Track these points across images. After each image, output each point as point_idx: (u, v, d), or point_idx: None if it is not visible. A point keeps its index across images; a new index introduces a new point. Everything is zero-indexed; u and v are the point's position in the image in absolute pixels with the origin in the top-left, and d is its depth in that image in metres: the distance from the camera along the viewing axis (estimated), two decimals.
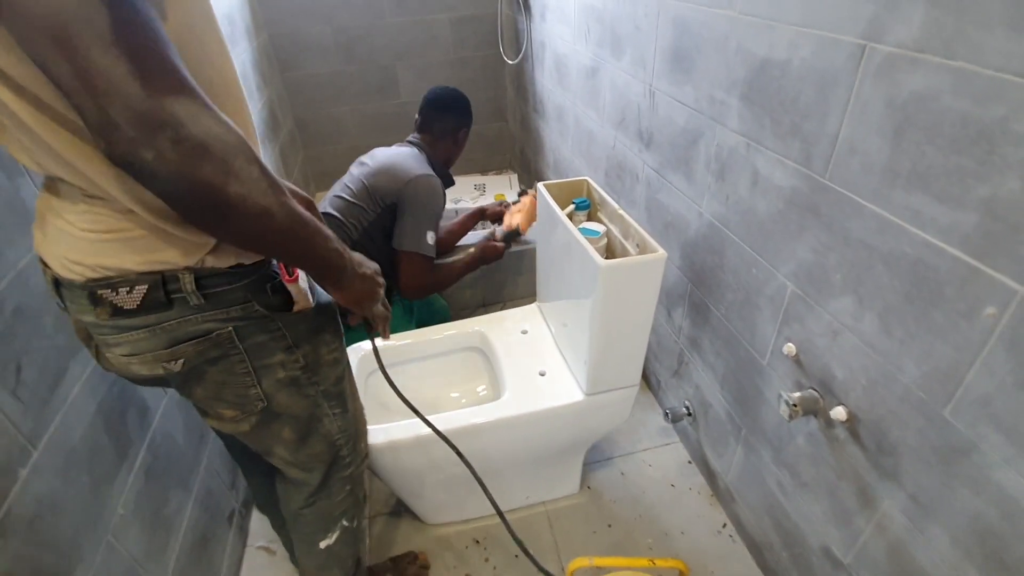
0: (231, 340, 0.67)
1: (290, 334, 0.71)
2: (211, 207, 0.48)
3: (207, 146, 0.45)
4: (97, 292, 0.59)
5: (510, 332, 1.32)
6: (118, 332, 0.62)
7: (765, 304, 1.00)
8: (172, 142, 0.43)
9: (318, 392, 0.78)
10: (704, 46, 1.02)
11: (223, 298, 0.64)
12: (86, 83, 0.40)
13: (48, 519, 0.71)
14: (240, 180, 0.48)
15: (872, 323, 0.77)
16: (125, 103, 0.41)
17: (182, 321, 0.63)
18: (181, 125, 0.43)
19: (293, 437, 0.79)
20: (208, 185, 0.46)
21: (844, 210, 0.77)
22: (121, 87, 0.41)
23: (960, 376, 0.65)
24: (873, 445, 0.81)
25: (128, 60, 0.41)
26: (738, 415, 1.17)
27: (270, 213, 0.52)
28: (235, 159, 0.47)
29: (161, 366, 0.65)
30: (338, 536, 0.93)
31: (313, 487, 0.87)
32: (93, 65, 0.40)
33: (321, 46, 2.56)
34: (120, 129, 0.42)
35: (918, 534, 0.76)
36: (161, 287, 0.60)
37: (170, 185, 0.45)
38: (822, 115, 0.78)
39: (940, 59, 0.60)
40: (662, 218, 1.34)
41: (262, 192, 0.50)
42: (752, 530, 1.21)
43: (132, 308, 0.60)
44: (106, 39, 0.40)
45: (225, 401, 0.72)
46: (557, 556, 1.26)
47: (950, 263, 0.63)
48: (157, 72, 0.42)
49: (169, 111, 0.43)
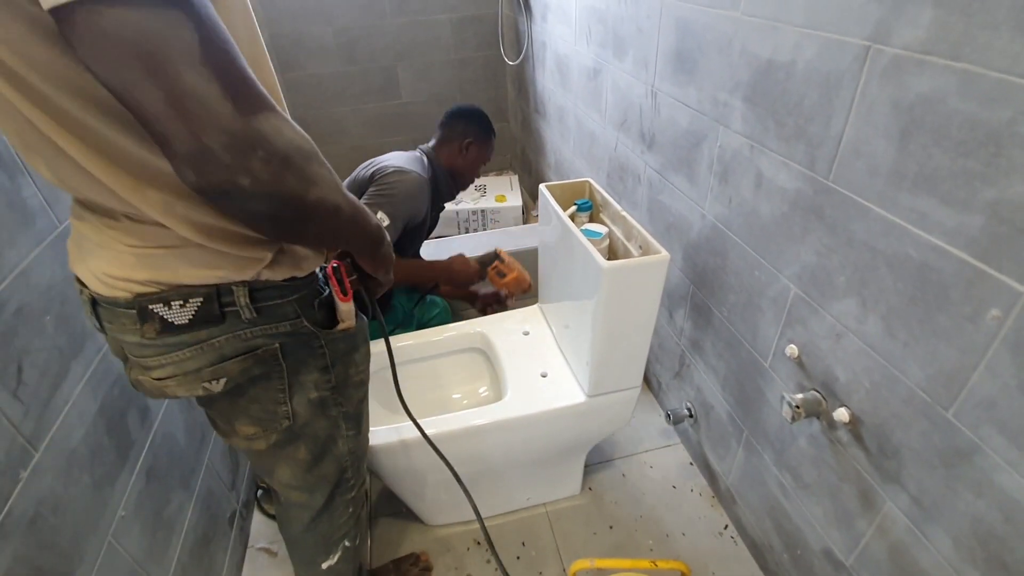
0: (276, 357, 0.65)
1: (329, 353, 0.71)
2: (295, 216, 0.48)
3: (290, 158, 0.45)
4: (148, 307, 0.57)
5: (512, 333, 1.32)
6: (163, 351, 0.60)
7: (768, 306, 1.00)
8: (263, 162, 0.42)
9: (340, 413, 0.77)
10: (707, 47, 1.02)
11: (274, 312, 0.63)
12: (178, 108, 0.38)
13: (49, 520, 0.71)
14: (317, 184, 0.48)
15: (876, 325, 0.76)
16: (219, 126, 0.40)
17: (231, 337, 0.61)
18: (268, 142, 0.43)
19: (307, 458, 0.77)
20: (293, 196, 0.46)
21: (848, 212, 0.77)
22: (214, 109, 0.39)
23: (964, 378, 0.65)
24: (876, 447, 0.81)
25: (218, 80, 0.39)
26: (740, 417, 1.17)
27: (339, 207, 0.53)
28: (311, 164, 0.47)
29: (202, 387, 0.63)
30: (340, 556, 0.92)
31: (316, 509, 0.84)
32: (185, 88, 0.38)
33: (322, 47, 2.56)
34: (215, 156, 0.40)
35: (920, 536, 0.76)
36: (215, 300, 0.59)
37: (261, 204, 0.44)
38: (826, 117, 0.78)
39: (946, 61, 0.60)
40: (664, 220, 1.34)
41: (332, 190, 0.51)
42: (753, 532, 1.21)
43: (183, 323, 0.58)
44: (196, 59, 0.38)
45: (250, 417, 0.70)
46: (558, 557, 1.25)
47: (955, 265, 0.63)
48: (244, 89, 0.41)
49: (259, 129, 0.42)
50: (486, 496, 1.30)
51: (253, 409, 0.69)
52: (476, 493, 1.28)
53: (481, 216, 2.48)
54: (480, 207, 2.48)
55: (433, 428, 1.07)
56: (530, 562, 1.25)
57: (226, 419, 0.71)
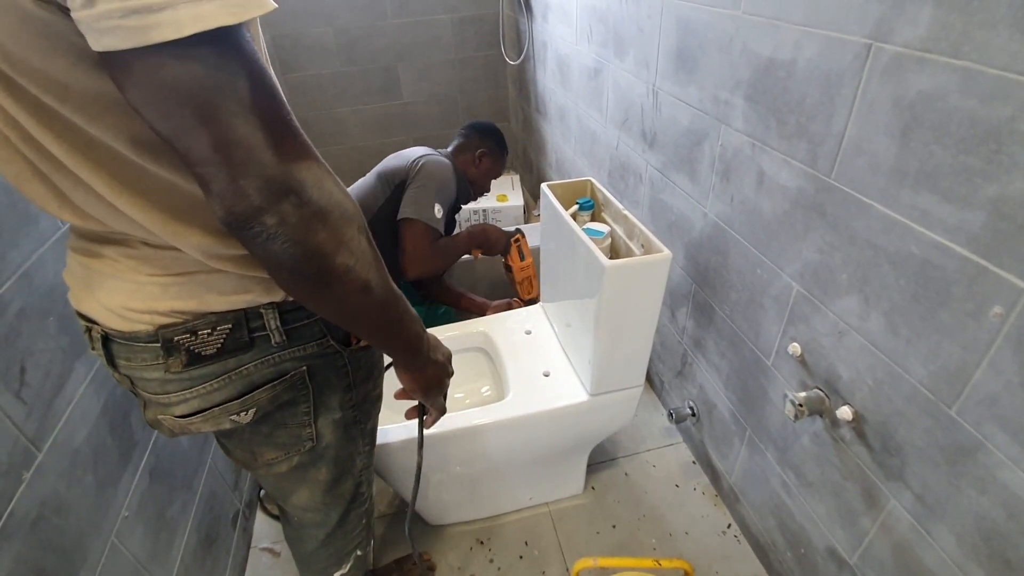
0: (303, 380, 0.64)
1: (352, 371, 0.69)
2: (317, 275, 0.46)
3: (327, 213, 0.44)
4: (173, 339, 0.55)
5: (514, 332, 1.32)
6: (189, 386, 0.58)
7: (770, 304, 1.00)
8: (295, 207, 0.42)
9: (359, 430, 0.76)
10: (708, 46, 1.02)
11: (302, 333, 0.61)
12: (224, 155, 0.39)
13: (52, 521, 0.71)
14: (350, 250, 0.46)
15: (878, 323, 0.76)
16: (259, 172, 0.40)
17: (260, 363, 0.59)
18: (304, 190, 0.42)
19: (328, 478, 0.76)
20: (319, 252, 0.44)
21: (850, 210, 0.77)
22: (257, 157, 0.40)
23: (967, 375, 0.65)
24: (879, 445, 0.81)
25: (263, 128, 0.40)
26: (742, 415, 1.17)
27: (370, 288, 0.50)
28: (349, 227, 0.46)
29: (229, 420, 0.61)
30: (351, 565, 0.91)
31: (331, 527, 0.83)
32: (234, 136, 0.38)
33: (323, 47, 2.56)
34: (248, 197, 0.40)
35: (924, 534, 0.76)
36: (244, 325, 0.57)
37: (284, 250, 0.43)
38: (828, 115, 0.78)
39: (947, 59, 0.60)
40: (666, 218, 1.34)
41: (367, 265, 0.49)
42: (757, 530, 1.21)
43: (212, 353, 0.56)
44: (246, 107, 0.39)
45: (272, 444, 0.68)
46: (561, 556, 1.25)
47: (957, 262, 0.63)
48: (287, 137, 0.42)
49: (297, 178, 0.42)
50: (488, 495, 1.30)
51: (278, 435, 0.67)
52: (479, 492, 1.28)
53: (483, 215, 2.48)
54: (481, 206, 2.48)
55: (436, 427, 1.07)
56: (533, 561, 1.25)
57: (246, 448, 0.69)
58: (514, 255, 1.65)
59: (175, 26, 0.35)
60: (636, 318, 0.99)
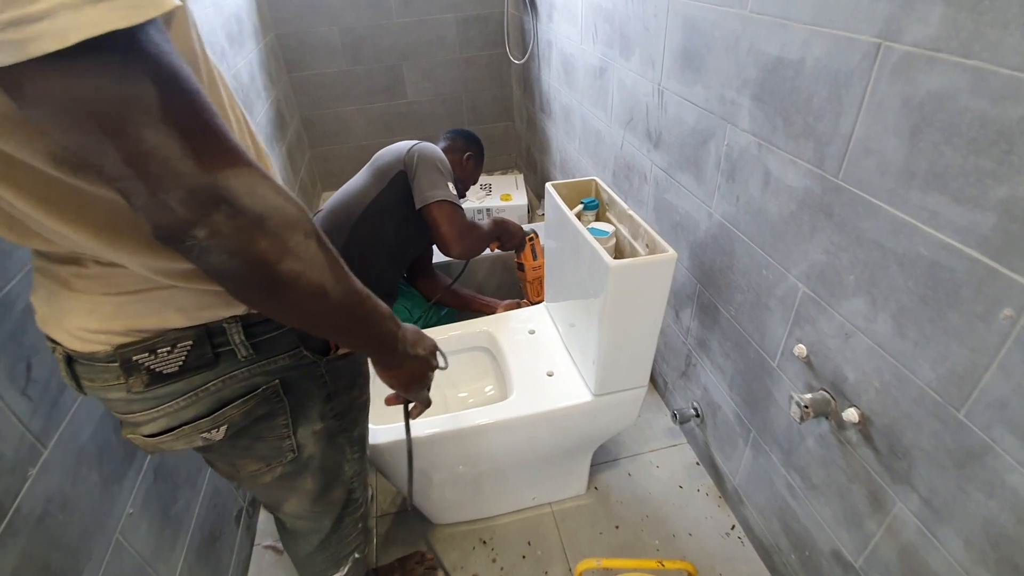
0: (277, 394, 0.62)
1: (331, 381, 0.67)
2: (264, 284, 0.44)
3: (264, 220, 0.41)
4: (131, 359, 0.53)
5: (517, 332, 1.32)
6: (154, 404, 0.56)
7: (776, 305, 0.99)
8: (228, 217, 0.39)
9: (346, 439, 0.74)
10: (715, 46, 1.02)
11: (272, 346, 0.59)
12: (138, 169, 0.36)
13: (58, 518, 0.72)
14: (296, 256, 0.44)
15: (886, 325, 0.76)
16: (179, 183, 0.37)
17: (228, 379, 0.57)
18: (237, 199, 0.40)
19: (315, 488, 0.74)
20: (263, 261, 0.42)
21: (858, 211, 0.77)
22: (176, 168, 0.37)
23: (976, 378, 0.64)
24: (886, 448, 0.80)
25: (179, 137, 0.37)
26: (747, 417, 1.17)
27: (325, 292, 0.47)
28: (293, 233, 0.43)
29: (200, 438, 0.60)
30: (349, 568, 0.90)
31: (325, 533, 0.82)
32: (146, 148, 0.36)
33: (328, 46, 2.56)
34: (172, 211, 0.38)
35: (931, 538, 0.75)
36: (207, 341, 0.55)
37: (222, 262, 0.41)
38: (836, 115, 0.77)
39: (957, 58, 0.60)
40: (670, 218, 1.33)
41: (319, 269, 0.46)
42: (761, 532, 1.20)
43: (173, 371, 0.54)
44: (156, 117, 0.36)
45: (254, 456, 0.67)
46: (564, 557, 1.25)
47: (967, 264, 0.63)
48: (210, 145, 0.39)
49: (225, 186, 0.39)
50: (491, 495, 1.30)
51: (258, 447, 0.66)
52: (482, 492, 1.28)
53: (486, 215, 2.48)
54: (485, 206, 2.48)
55: (439, 427, 1.07)
56: (536, 561, 1.25)
57: (227, 461, 0.68)
58: (527, 254, 1.67)
59: (57, 36, 0.31)
60: (641, 318, 0.99)
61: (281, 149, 2.22)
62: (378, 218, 1.44)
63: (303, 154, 2.66)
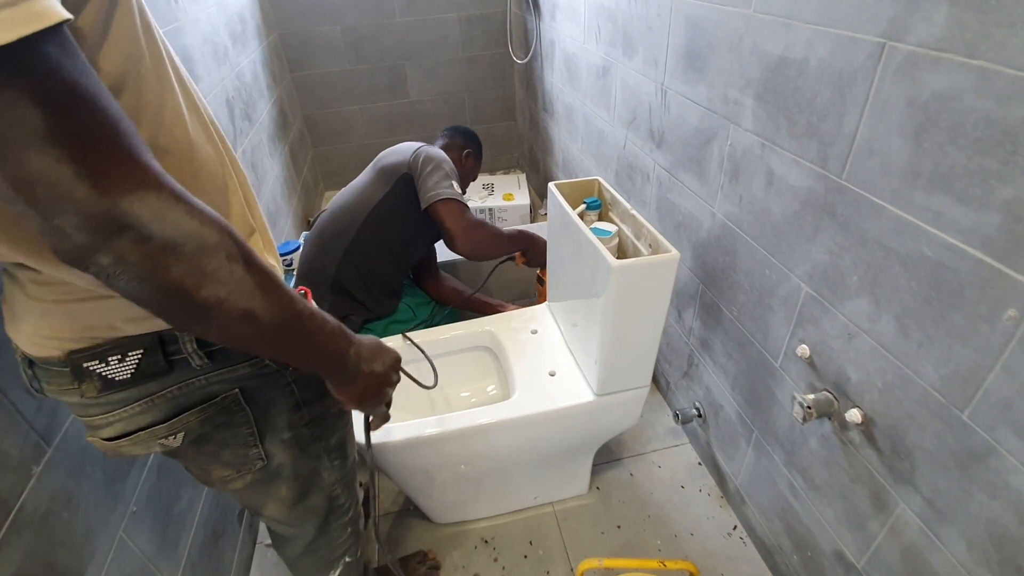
0: (237, 402, 0.61)
1: (299, 390, 0.65)
2: (182, 311, 0.41)
3: (176, 246, 0.38)
4: (82, 365, 0.52)
5: (520, 331, 1.32)
6: (109, 409, 0.55)
7: (778, 305, 0.99)
8: (134, 243, 0.36)
9: (320, 448, 0.72)
10: (718, 45, 1.02)
11: (229, 355, 0.57)
12: (24, 193, 0.33)
13: (61, 515, 0.72)
14: (218, 281, 0.41)
15: (889, 325, 0.76)
16: (74, 209, 0.34)
17: (184, 386, 0.56)
18: (143, 226, 0.36)
19: (290, 495, 0.73)
20: (178, 289, 0.39)
21: (861, 211, 0.77)
22: (67, 192, 0.34)
23: (980, 379, 0.64)
24: (888, 448, 0.80)
25: (71, 159, 0.33)
26: (749, 417, 1.17)
27: (253, 315, 0.44)
28: (211, 258, 0.40)
29: (158, 444, 0.59)
30: (341, 571, 0.89)
31: (310, 537, 0.81)
32: (30, 172, 0.33)
33: (331, 45, 2.57)
34: (69, 237, 0.35)
35: (933, 538, 0.75)
36: (159, 349, 0.53)
37: (133, 288, 0.39)
38: (839, 115, 0.77)
39: (962, 58, 0.59)
40: (673, 218, 1.33)
41: (246, 293, 0.43)
42: (763, 533, 1.20)
43: (125, 379, 0.53)
44: (41, 138, 0.33)
45: (220, 462, 0.65)
46: (566, 556, 1.25)
47: (971, 265, 0.62)
48: (110, 167, 0.35)
49: (128, 212, 0.36)
50: (493, 495, 1.30)
51: (224, 454, 0.65)
52: (483, 491, 1.28)
53: (489, 215, 2.48)
54: (488, 205, 2.48)
55: (441, 426, 1.07)
56: (537, 561, 1.25)
57: (196, 465, 0.67)
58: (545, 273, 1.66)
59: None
60: (643, 318, 0.99)
61: (284, 148, 2.22)
62: (383, 219, 1.44)
63: (306, 153, 2.66)
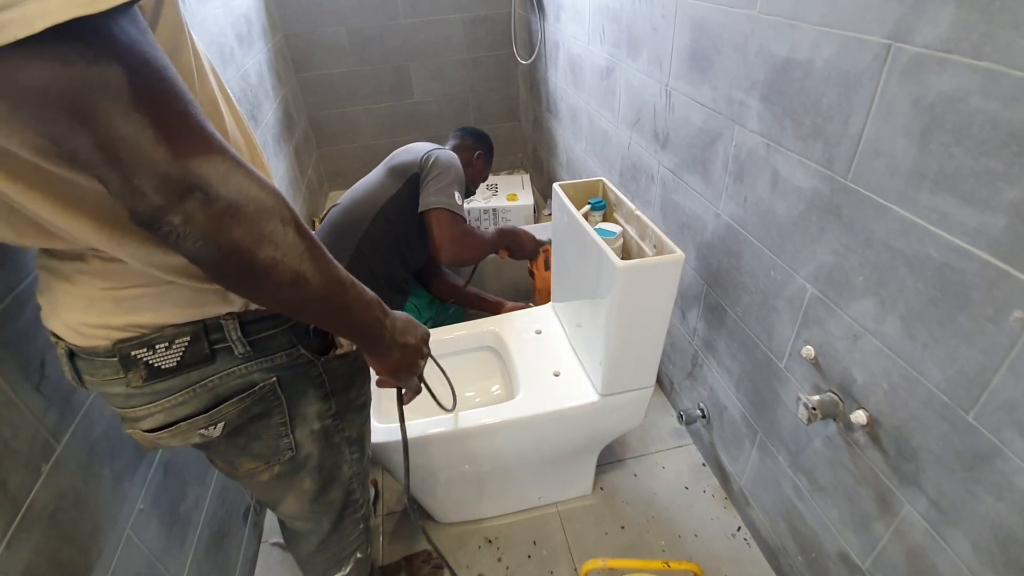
0: (274, 392, 0.62)
1: (328, 380, 0.68)
2: (241, 272, 0.44)
3: (238, 207, 0.41)
4: (130, 354, 0.54)
5: (524, 332, 1.32)
6: (152, 400, 0.57)
7: (783, 306, 0.99)
8: (202, 204, 0.40)
9: (343, 439, 0.74)
10: (723, 46, 1.02)
11: (268, 344, 0.60)
12: (110, 155, 0.36)
13: (70, 513, 0.72)
14: (273, 243, 0.44)
15: (895, 326, 0.76)
16: (152, 171, 0.37)
17: (226, 375, 0.58)
18: (211, 187, 0.40)
19: (313, 488, 0.75)
20: (238, 249, 0.42)
21: (867, 212, 0.77)
22: (147, 154, 0.37)
23: (986, 380, 0.64)
24: (894, 449, 0.80)
25: (151, 124, 0.37)
26: (753, 418, 1.17)
27: (303, 279, 0.47)
28: (268, 221, 0.44)
29: (198, 434, 0.60)
30: (352, 566, 0.90)
31: (324, 533, 0.83)
32: (115, 135, 0.36)
33: (335, 46, 2.57)
34: (146, 197, 0.38)
35: (939, 540, 0.75)
36: (204, 337, 0.56)
37: (199, 248, 0.41)
38: (845, 116, 0.77)
39: (968, 60, 0.59)
40: (677, 219, 1.33)
41: (297, 256, 0.46)
42: (767, 534, 1.20)
43: (171, 367, 0.55)
44: (126, 103, 0.36)
45: (251, 455, 0.67)
46: (570, 557, 1.25)
47: (977, 266, 0.62)
48: (183, 132, 0.39)
49: (198, 173, 0.39)
50: (497, 494, 1.31)
51: (254, 446, 0.66)
52: (487, 491, 1.29)
53: (493, 215, 2.49)
54: (491, 206, 2.48)
55: (445, 426, 1.08)
56: (541, 561, 1.25)
57: (225, 459, 0.68)
58: (540, 263, 1.68)
59: (23, 24, 0.32)
60: (648, 319, 0.99)
61: (289, 149, 2.23)
62: (393, 217, 1.47)
63: (310, 154, 2.67)
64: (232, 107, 0.57)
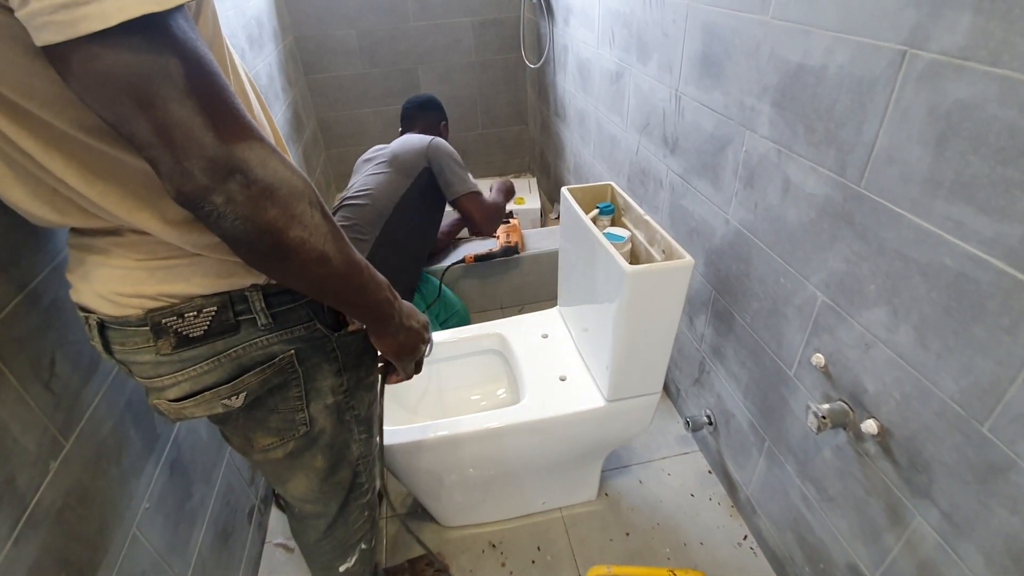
0: (292, 364, 0.65)
1: (342, 356, 0.70)
2: (271, 250, 0.48)
3: (274, 190, 0.46)
4: (161, 322, 0.57)
5: (530, 336, 1.31)
6: (180, 368, 0.60)
7: (793, 314, 0.98)
8: (242, 186, 0.44)
9: (353, 417, 0.76)
10: (735, 52, 1.01)
11: (289, 317, 0.63)
12: (166, 138, 0.40)
13: (77, 511, 0.72)
14: (302, 224, 0.48)
15: (907, 335, 0.75)
16: (201, 153, 0.41)
17: (248, 346, 0.61)
18: (251, 170, 0.44)
19: (324, 466, 0.77)
20: (271, 228, 0.46)
21: (880, 219, 0.76)
22: (198, 138, 0.41)
23: (1001, 392, 0.63)
24: (905, 460, 0.79)
25: (202, 111, 0.41)
26: (761, 426, 1.16)
27: (327, 258, 0.52)
28: (299, 203, 0.48)
29: (221, 404, 0.63)
30: (357, 558, 0.92)
31: (331, 517, 0.84)
32: (172, 119, 0.40)
33: (345, 49, 2.59)
34: (194, 178, 0.42)
35: (950, 553, 0.74)
36: (230, 308, 0.59)
37: (236, 227, 0.45)
38: (859, 122, 0.76)
39: (986, 67, 0.59)
40: (686, 224, 1.32)
41: (322, 237, 0.50)
42: (774, 543, 1.19)
43: (199, 335, 0.59)
44: (182, 91, 0.40)
45: (266, 428, 0.69)
46: (574, 563, 1.25)
47: (993, 276, 0.62)
48: (228, 119, 0.43)
49: (240, 157, 0.43)
50: (502, 499, 1.30)
51: (272, 420, 0.69)
52: (492, 495, 1.28)
53: None
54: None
55: (450, 429, 1.07)
56: (545, 567, 1.24)
57: (242, 434, 0.70)
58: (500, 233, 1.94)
59: (102, 17, 0.36)
60: (656, 324, 0.99)
61: (297, 150, 2.24)
62: (408, 212, 1.55)
63: (319, 155, 2.68)
64: (258, 96, 0.61)
